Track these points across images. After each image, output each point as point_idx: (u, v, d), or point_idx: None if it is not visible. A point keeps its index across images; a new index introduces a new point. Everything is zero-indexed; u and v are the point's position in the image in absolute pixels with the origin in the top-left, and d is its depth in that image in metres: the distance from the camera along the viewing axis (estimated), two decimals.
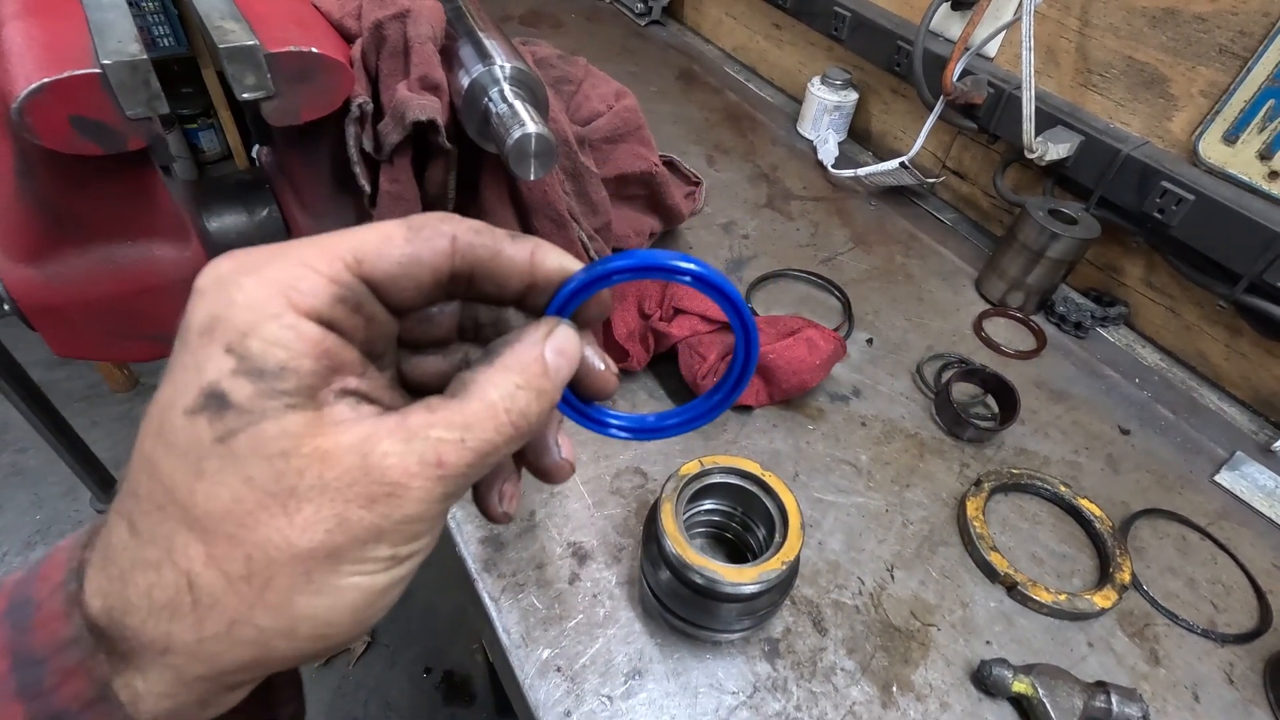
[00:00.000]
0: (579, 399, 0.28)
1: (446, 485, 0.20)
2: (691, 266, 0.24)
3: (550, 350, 0.23)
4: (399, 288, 0.22)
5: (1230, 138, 0.72)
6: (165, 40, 2.58)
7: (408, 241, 0.22)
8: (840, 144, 1.11)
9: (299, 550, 0.19)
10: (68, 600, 0.19)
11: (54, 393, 0.60)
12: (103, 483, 0.68)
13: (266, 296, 0.19)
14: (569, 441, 0.28)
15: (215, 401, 0.18)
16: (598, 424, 0.28)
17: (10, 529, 1.69)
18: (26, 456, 1.82)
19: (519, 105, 0.47)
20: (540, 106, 0.51)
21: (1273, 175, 0.70)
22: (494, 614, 0.53)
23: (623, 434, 0.29)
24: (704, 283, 0.25)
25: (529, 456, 0.27)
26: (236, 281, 0.19)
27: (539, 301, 0.25)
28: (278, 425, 0.19)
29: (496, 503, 0.27)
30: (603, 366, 0.26)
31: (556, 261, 0.24)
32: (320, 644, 0.20)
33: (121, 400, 1.97)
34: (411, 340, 0.25)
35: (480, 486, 0.27)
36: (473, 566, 0.56)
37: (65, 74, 0.38)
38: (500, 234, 0.24)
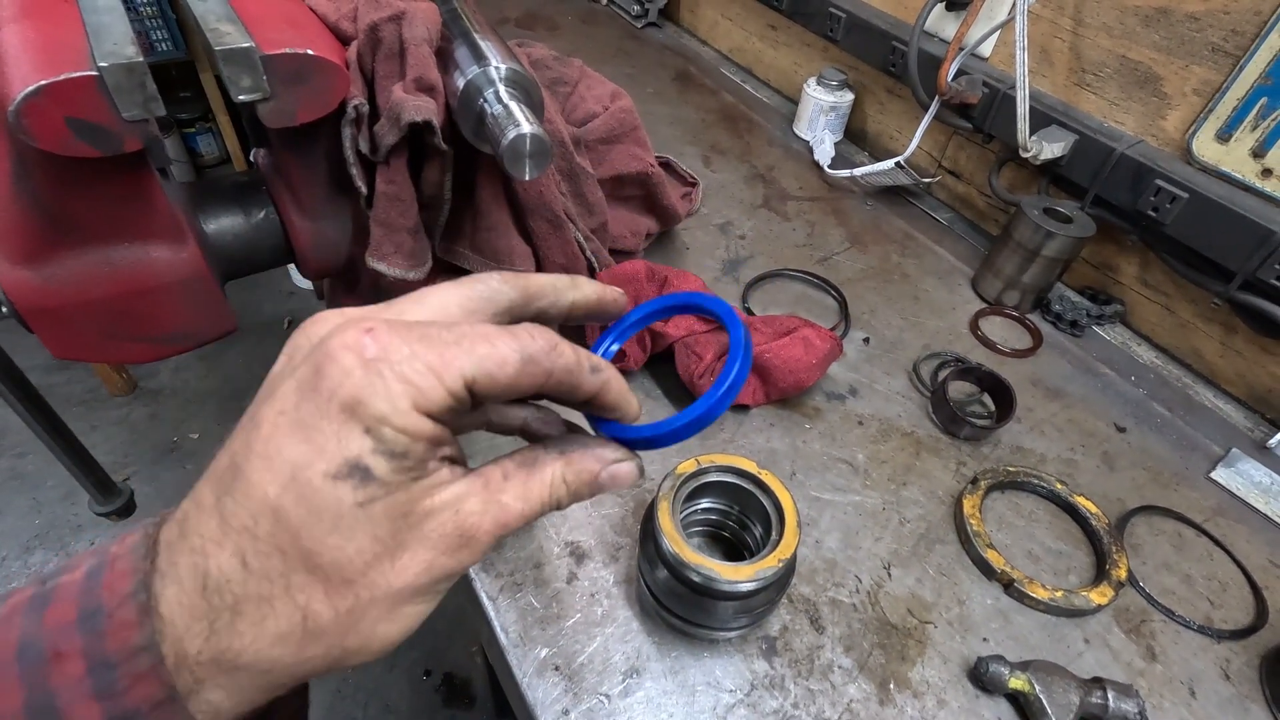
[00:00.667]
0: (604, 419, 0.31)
1: (501, 535, 0.26)
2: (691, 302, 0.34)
3: (606, 474, 0.29)
4: (496, 399, 0.26)
5: (1223, 136, 0.72)
6: (163, 45, 2.56)
7: (517, 374, 0.25)
8: (836, 144, 1.11)
9: (393, 590, 0.23)
10: (139, 610, 0.21)
11: (53, 396, 0.60)
12: (101, 486, 0.68)
13: (401, 394, 0.22)
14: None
15: (360, 473, 0.22)
16: (627, 440, 0.31)
17: (10, 533, 1.69)
18: (25, 461, 1.82)
19: (514, 106, 0.47)
20: (535, 107, 0.51)
21: (1266, 173, 0.70)
22: (492, 613, 0.53)
23: (630, 443, 0.31)
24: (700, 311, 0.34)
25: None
26: (379, 371, 0.22)
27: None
28: (405, 494, 0.23)
29: None
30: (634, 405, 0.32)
31: (618, 390, 0.29)
32: (376, 656, 0.24)
33: (120, 404, 1.97)
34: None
35: None
36: (470, 566, 0.56)
37: (61, 76, 0.38)
38: (583, 354, 0.27)
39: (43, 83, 0.38)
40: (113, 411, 1.96)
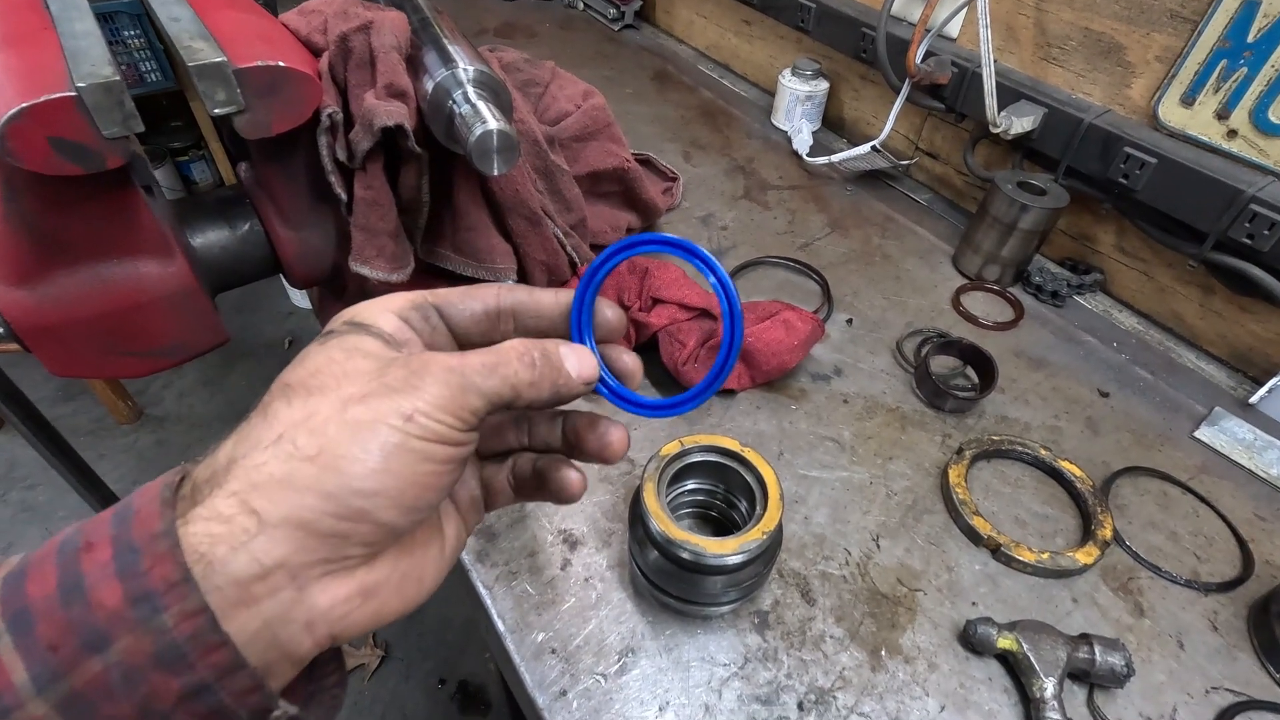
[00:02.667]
0: (615, 385, 0.35)
1: (462, 376, 0.26)
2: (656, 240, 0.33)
3: (573, 354, 0.31)
4: (458, 313, 0.31)
5: (1188, 100, 0.73)
6: (153, 76, 2.59)
7: (469, 289, 0.32)
8: (814, 133, 1.12)
9: (345, 395, 0.25)
10: (162, 504, 0.23)
11: (60, 428, 0.62)
12: None
13: (371, 304, 0.29)
14: (622, 430, 0.34)
15: (327, 334, 0.28)
16: (631, 404, 0.35)
17: None
18: (35, 493, 1.84)
19: (481, 105, 0.49)
20: (504, 106, 0.53)
21: (1231, 134, 0.71)
22: (489, 602, 0.54)
23: (644, 412, 0.35)
24: (673, 248, 0.33)
25: (584, 438, 0.34)
26: (357, 304, 0.30)
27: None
28: (358, 337, 0.27)
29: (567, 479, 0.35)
30: (629, 361, 0.35)
31: (565, 299, 0.34)
32: (350, 485, 0.24)
33: (127, 432, 1.99)
34: (482, 452, 0.36)
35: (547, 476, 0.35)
36: (466, 558, 0.57)
37: (42, 98, 0.40)
38: (535, 290, 0.33)
39: (25, 105, 0.40)
40: (120, 440, 1.98)
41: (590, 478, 0.63)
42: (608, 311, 0.34)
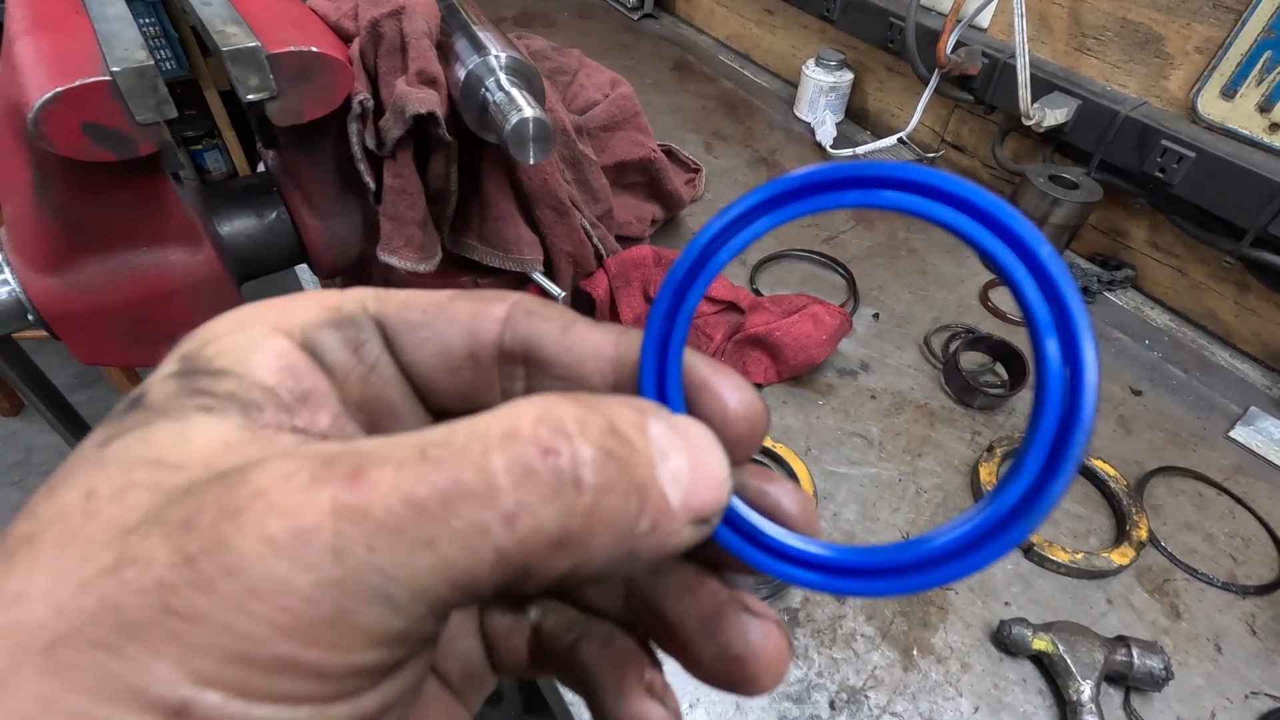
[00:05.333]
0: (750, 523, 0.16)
1: (347, 534, 0.10)
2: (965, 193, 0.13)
3: (661, 424, 0.13)
4: (419, 343, 0.16)
5: (1228, 92, 0.71)
6: (167, 64, 2.61)
7: (449, 297, 0.16)
8: (838, 125, 1.11)
9: (24, 620, 0.10)
10: None
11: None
12: None
13: (252, 314, 0.15)
14: (764, 604, 0.17)
15: (130, 405, 0.13)
16: (805, 569, 0.16)
17: None
18: None
19: (515, 92, 0.48)
20: (537, 93, 0.52)
21: (1273, 127, 0.69)
22: None
23: (809, 578, 0.16)
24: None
25: (692, 634, 0.16)
26: (240, 307, 0.15)
27: None
28: (173, 428, 0.12)
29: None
30: (793, 507, 0.16)
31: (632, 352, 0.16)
32: None
33: None
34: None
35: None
36: None
37: (77, 83, 0.39)
38: (574, 314, 0.16)
39: (59, 89, 0.39)
40: None
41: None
42: (728, 389, 0.16)
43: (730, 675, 0.16)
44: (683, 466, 0.13)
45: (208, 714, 0.10)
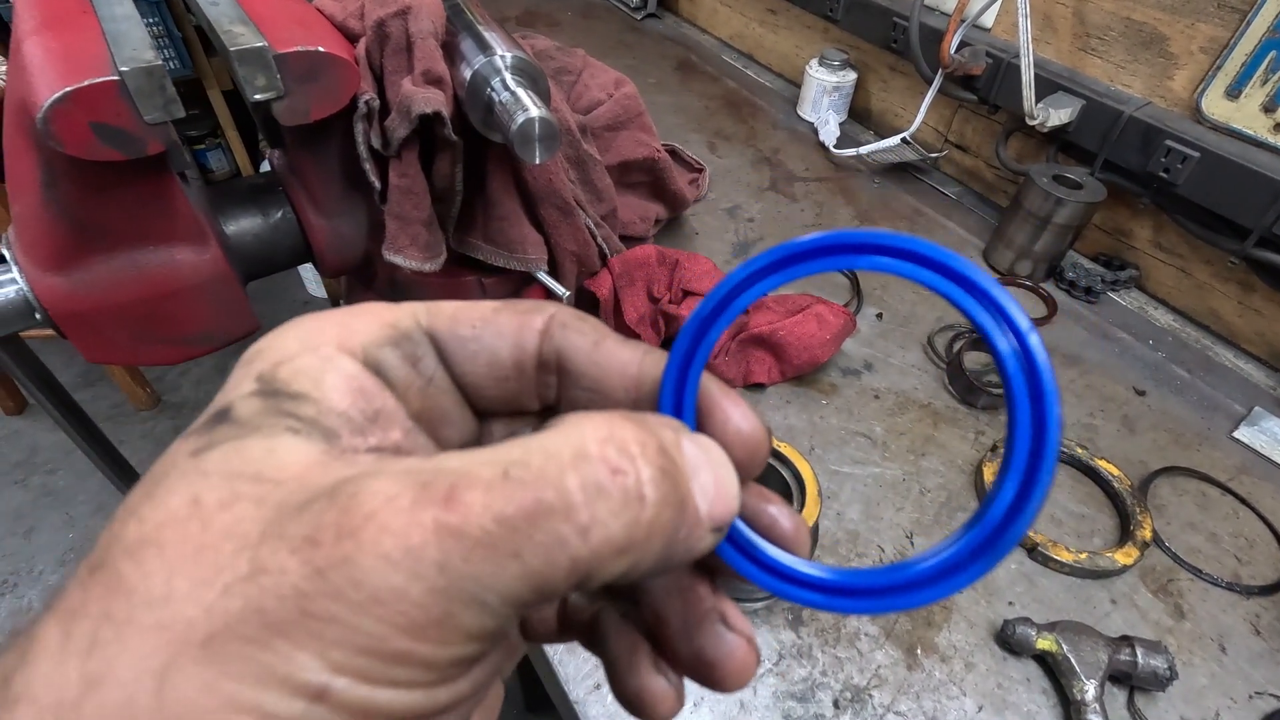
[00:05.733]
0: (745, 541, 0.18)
1: (449, 548, 0.12)
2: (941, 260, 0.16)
3: (692, 445, 0.15)
4: (469, 354, 0.18)
5: (1233, 93, 0.71)
6: (171, 64, 2.62)
7: (494, 310, 0.18)
8: (841, 124, 1.11)
9: (172, 618, 0.12)
10: None
11: None
12: None
13: (316, 331, 0.16)
14: (742, 617, 0.18)
15: (216, 419, 0.14)
16: (800, 587, 0.18)
17: (45, 548, 1.73)
18: (56, 477, 1.86)
19: (521, 92, 0.48)
20: (542, 93, 0.52)
21: (1278, 127, 0.69)
22: None
23: (817, 598, 0.18)
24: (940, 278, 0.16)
25: (674, 632, 0.18)
26: (300, 322, 0.16)
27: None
28: (267, 444, 0.14)
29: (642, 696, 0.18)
30: (788, 528, 0.18)
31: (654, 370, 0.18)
32: None
33: (145, 418, 2.01)
34: None
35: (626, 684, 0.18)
36: None
37: (85, 82, 0.40)
38: (607, 329, 0.18)
39: (68, 89, 0.39)
40: (138, 426, 2.00)
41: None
42: (737, 414, 0.18)
43: (699, 673, 0.18)
44: (709, 482, 0.15)
45: (341, 697, 0.11)
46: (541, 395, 0.18)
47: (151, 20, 2.21)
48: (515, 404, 0.18)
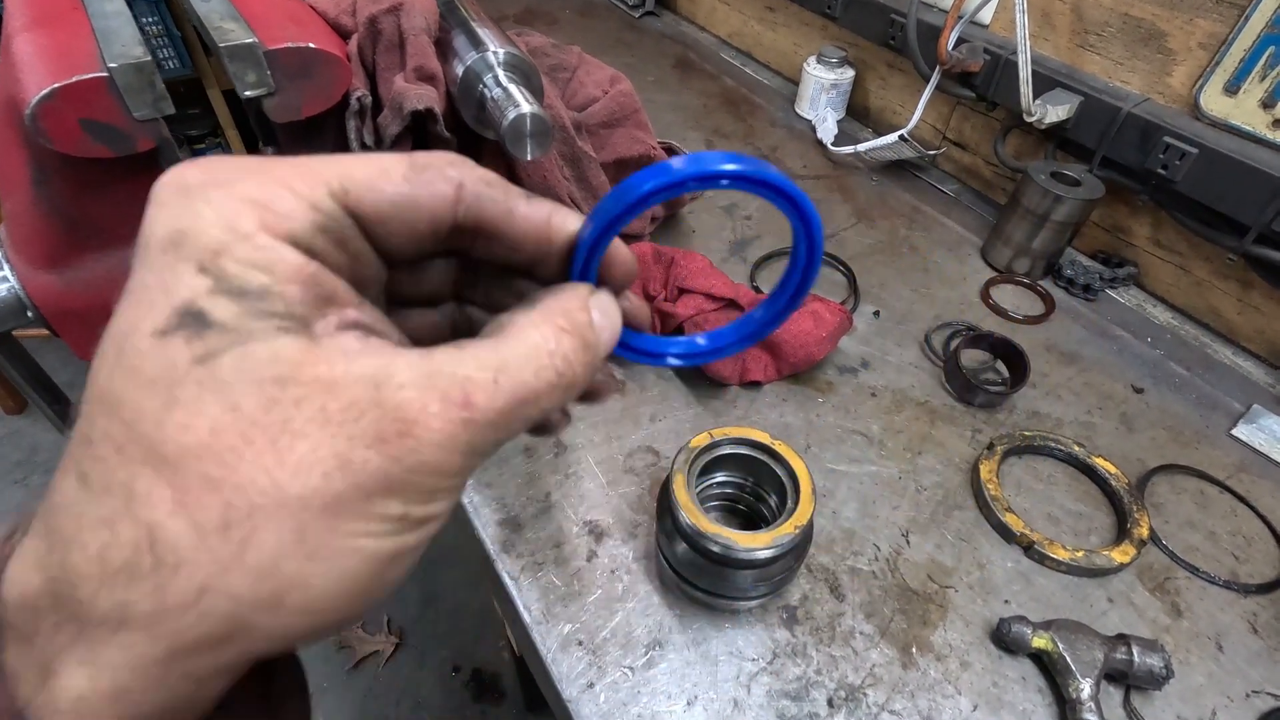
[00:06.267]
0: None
1: (472, 432, 0.18)
2: (731, 167, 0.20)
3: (596, 311, 0.21)
4: (389, 231, 0.20)
5: (1231, 88, 0.71)
6: (170, 63, 2.61)
7: (405, 180, 0.19)
8: (839, 122, 1.11)
9: (289, 497, 0.15)
10: None
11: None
12: None
13: (236, 213, 0.16)
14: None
15: (192, 320, 0.16)
16: (653, 357, 0.27)
17: None
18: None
19: (513, 88, 0.48)
20: (535, 89, 0.52)
21: (1276, 123, 0.69)
22: (514, 593, 0.54)
23: (678, 361, 0.27)
24: (746, 180, 0.21)
25: None
26: (204, 194, 0.17)
27: (551, 273, 0.23)
28: (269, 347, 0.16)
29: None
30: (640, 304, 0.26)
31: (576, 225, 0.22)
32: (310, 622, 0.17)
33: None
34: (399, 294, 0.23)
35: None
36: (491, 548, 0.56)
37: (74, 78, 0.40)
38: (515, 190, 0.21)
39: (56, 85, 0.39)
40: None
41: (615, 468, 0.62)
42: (624, 253, 0.23)
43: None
44: (608, 333, 0.22)
45: (412, 516, 0.18)
46: (451, 243, 0.22)
47: (151, 19, 2.21)
48: (421, 250, 0.21)
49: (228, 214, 0.17)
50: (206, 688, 0.17)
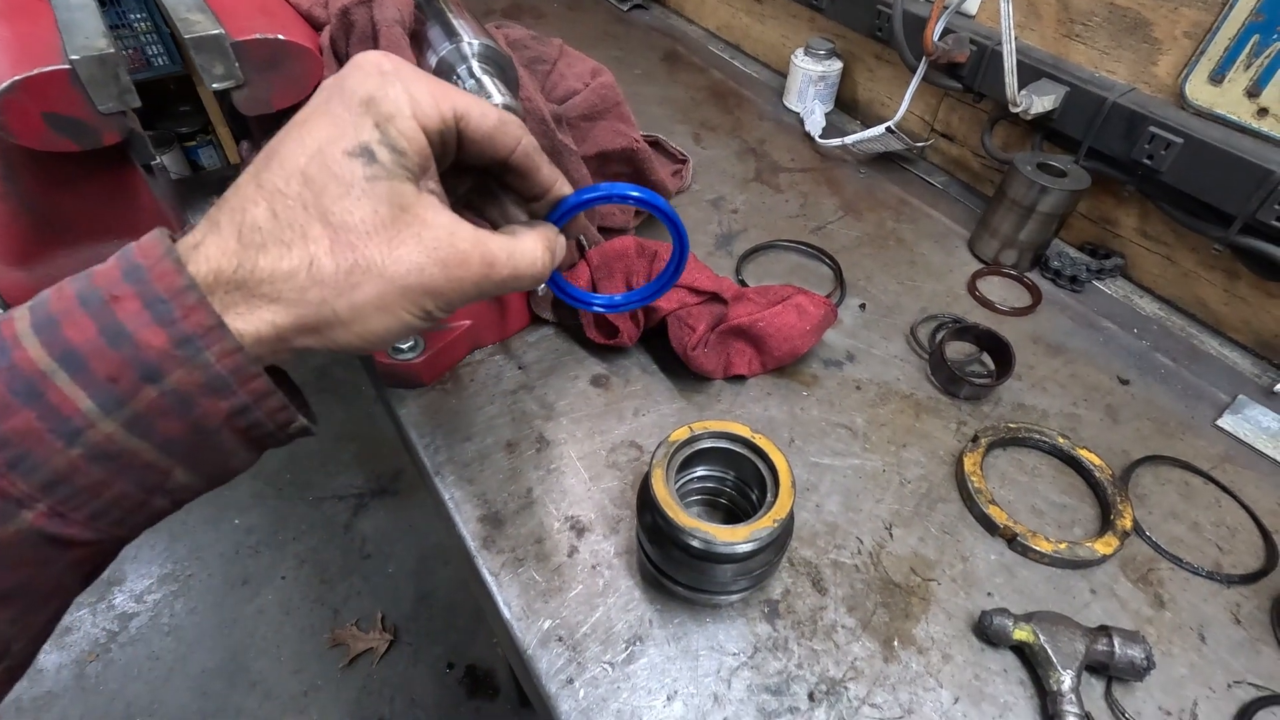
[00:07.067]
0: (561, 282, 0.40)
1: (483, 285, 0.30)
2: (635, 193, 0.35)
3: (560, 241, 0.35)
4: (473, 148, 0.32)
5: (1216, 77, 0.71)
6: (160, 60, 2.60)
7: (496, 123, 0.32)
8: (827, 114, 1.10)
9: (386, 273, 0.28)
10: (175, 263, 0.26)
11: None
12: None
13: (404, 100, 0.29)
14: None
15: (367, 154, 0.28)
16: (582, 303, 0.39)
17: None
18: None
19: (486, 80, 0.47)
20: (510, 82, 0.51)
21: (1261, 112, 0.69)
22: (494, 589, 0.54)
23: (599, 308, 0.39)
24: (643, 203, 0.36)
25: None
26: (393, 79, 0.29)
27: (540, 211, 0.37)
28: (402, 186, 0.29)
29: None
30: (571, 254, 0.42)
31: (568, 192, 0.36)
32: (354, 342, 0.29)
33: None
34: (448, 186, 0.35)
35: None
36: (472, 544, 0.56)
37: (35, 71, 0.39)
38: (544, 158, 0.34)
39: (16, 78, 0.39)
40: None
41: (597, 463, 0.62)
42: (581, 222, 0.42)
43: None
44: (560, 255, 0.35)
45: (435, 315, 0.31)
46: (495, 168, 0.34)
47: (139, 15, 2.19)
48: (476, 165, 0.34)
49: (401, 98, 0.29)
50: (289, 354, 0.29)
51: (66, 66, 0.40)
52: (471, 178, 0.37)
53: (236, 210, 0.27)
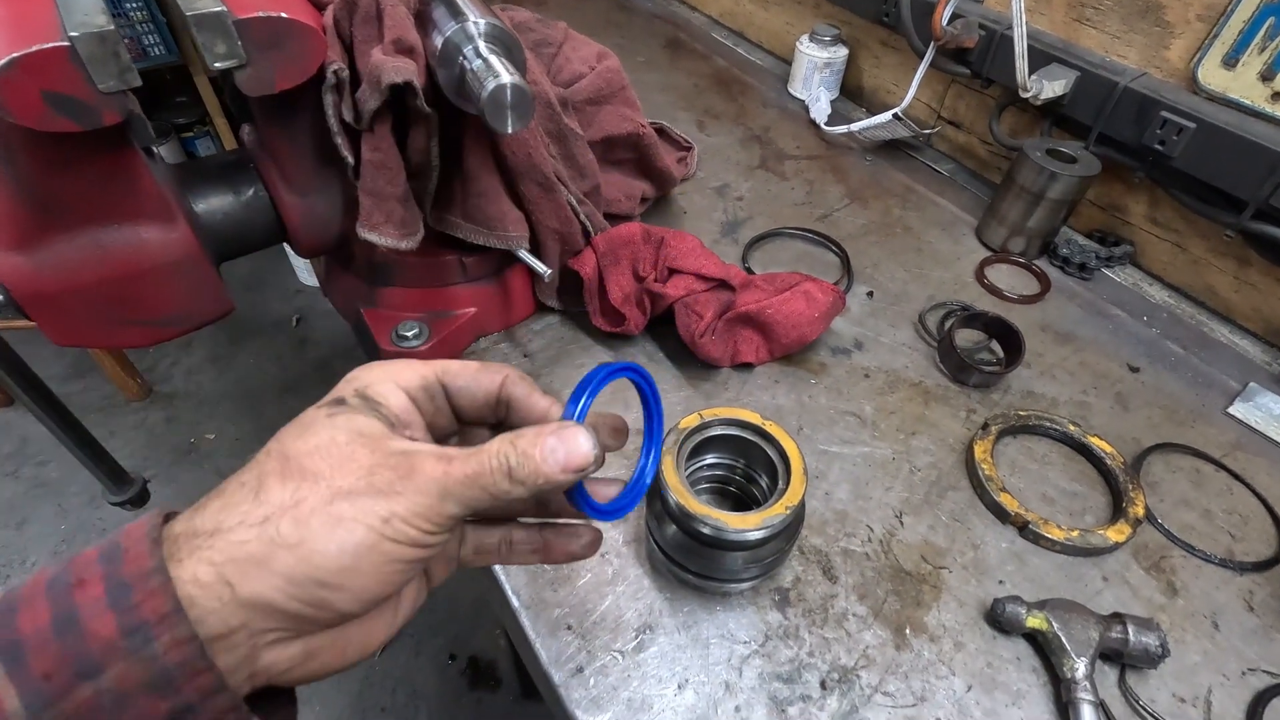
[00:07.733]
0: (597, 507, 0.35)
1: (447, 482, 0.28)
2: (616, 368, 0.34)
3: (552, 439, 0.30)
4: (463, 394, 0.34)
5: (1230, 61, 0.70)
6: (156, 49, 2.56)
7: (479, 367, 0.34)
8: (832, 102, 1.09)
9: (336, 485, 0.27)
10: (151, 544, 0.25)
11: (71, 404, 0.60)
12: (113, 475, 0.69)
13: (384, 376, 0.32)
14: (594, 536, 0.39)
15: (337, 404, 0.30)
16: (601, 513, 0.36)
17: (38, 539, 1.72)
18: (48, 469, 1.85)
19: (494, 59, 0.47)
20: (517, 62, 0.50)
21: (1275, 97, 0.68)
22: (503, 578, 0.53)
23: (601, 517, 0.36)
24: (620, 373, 0.35)
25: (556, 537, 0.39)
26: (376, 372, 0.32)
27: None
28: (365, 419, 0.30)
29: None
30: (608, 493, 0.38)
31: (558, 414, 0.34)
32: (305, 570, 0.26)
33: (137, 409, 1.99)
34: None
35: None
36: None
37: (34, 48, 0.38)
38: (536, 387, 0.35)
39: (15, 55, 0.38)
40: (130, 416, 1.98)
41: (606, 452, 0.61)
42: (615, 419, 0.38)
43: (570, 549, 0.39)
44: (562, 454, 0.30)
45: (396, 523, 0.27)
46: (499, 416, 0.35)
47: (135, 5, 2.17)
48: (482, 418, 0.35)
49: (381, 373, 0.32)
50: (302, 626, 0.28)
51: (66, 44, 0.39)
52: (497, 527, 0.38)
53: (218, 494, 0.28)
